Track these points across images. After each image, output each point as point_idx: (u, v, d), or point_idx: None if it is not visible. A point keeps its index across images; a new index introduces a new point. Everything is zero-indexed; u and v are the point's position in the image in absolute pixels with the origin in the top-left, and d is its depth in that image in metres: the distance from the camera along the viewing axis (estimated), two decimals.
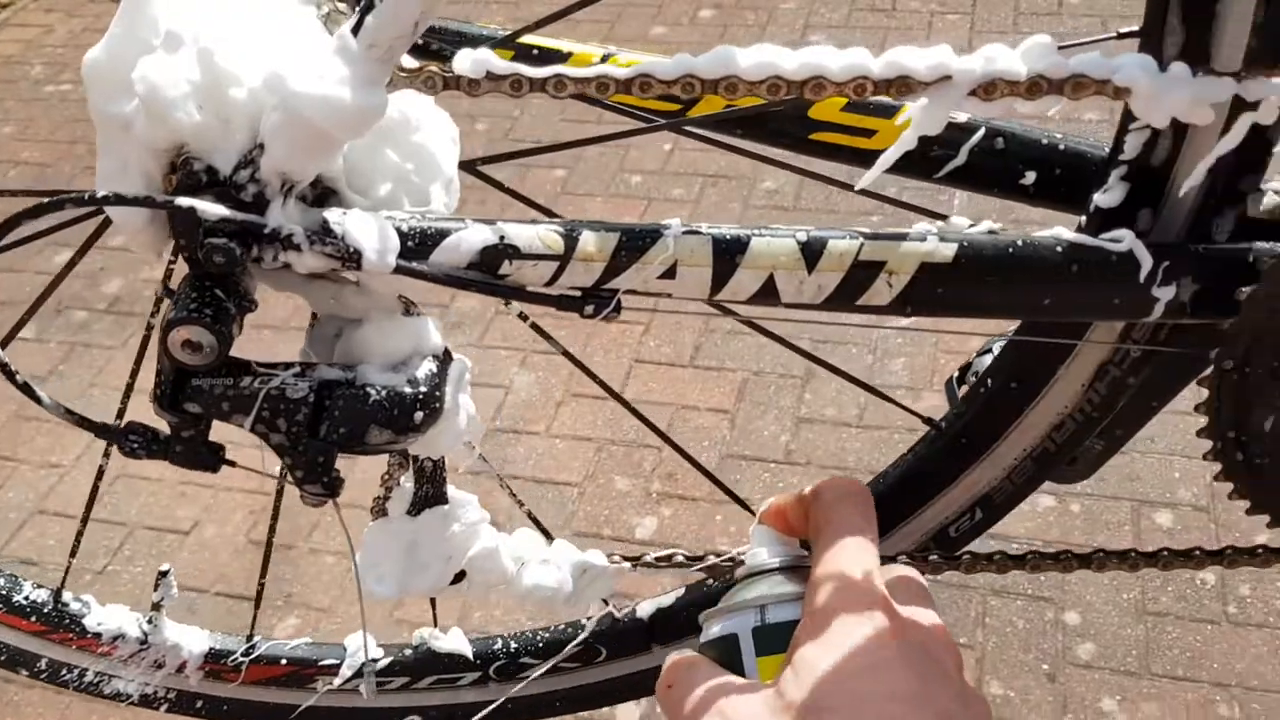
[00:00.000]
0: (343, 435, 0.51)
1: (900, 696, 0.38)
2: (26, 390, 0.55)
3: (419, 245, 0.50)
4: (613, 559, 0.67)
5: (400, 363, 0.53)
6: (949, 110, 0.50)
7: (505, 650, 0.80)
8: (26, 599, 0.81)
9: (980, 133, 0.62)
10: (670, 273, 0.51)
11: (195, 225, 0.48)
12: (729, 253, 0.51)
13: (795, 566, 0.47)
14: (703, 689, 0.42)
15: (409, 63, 0.50)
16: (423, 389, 0.52)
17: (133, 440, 0.54)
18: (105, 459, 0.72)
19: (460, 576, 0.64)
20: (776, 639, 0.43)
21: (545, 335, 0.69)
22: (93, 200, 0.49)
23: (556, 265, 0.51)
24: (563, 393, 1.69)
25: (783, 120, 0.64)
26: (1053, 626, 1.33)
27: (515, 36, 0.60)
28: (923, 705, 0.38)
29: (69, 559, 0.80)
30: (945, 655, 0.41)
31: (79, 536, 0.77)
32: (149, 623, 0.78)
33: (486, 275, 0.50)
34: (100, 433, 0.56)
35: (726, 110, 0.63)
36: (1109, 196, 0.56)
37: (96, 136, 0.51)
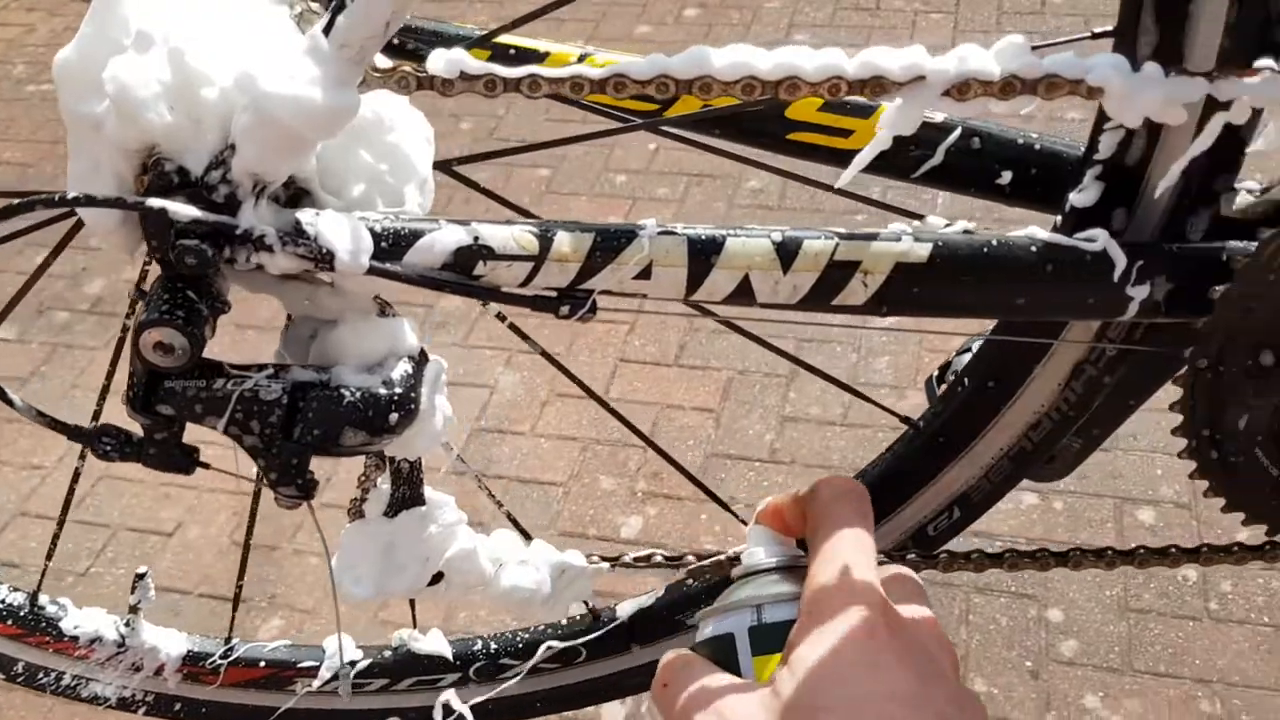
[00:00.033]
0: (317, 437, 0.51)
1: (898, 697, 0.38)
2: None
3: (392, 246, 0.50)
4: (591, 559, 0.67)
5: (375, 364, 0.53)
6: (923, 110, 0.50)
7: (485, 651, 0.79)
8: (2, 602, 0.81)
9: (957, 132, 0.62)
10: (646, 273, 0.51)
11: (167, 226, 0.48)
12: (704, 253, 0.51)
13: (792, 566, 0.46)
14: (698, 688, 0.42)
15: (383, 62, 0.50)
16: (398, 390, 0.52)
17: (105, 443, 0.54)
18: (81, 461, 0.71)
19: (438, 578, 0.63)
20: (773, 638, 0.43)
21: (524, 336, 0.69)
22: (63, 201, 0.49)
23: (531, 266, 0.51)
24: (548, 392, 1.69)
25: (760, 120, 0.64)
26: (1036, 624, 1.34)
27: (492, 36, 0.60)
28: (920, 705, 0.38)
29: (45, 561, 0.80)
30: (942, 655, 0.41)
31: (55, 539, 0.77)
32: (126, 625, 0.78)
33: (461, 276, 0.50)
34: (73, 435, 0.55)
35: (704, 110, 0.63)
36: (1084, 196, 0.56)
37: (68, 137, 0.51)
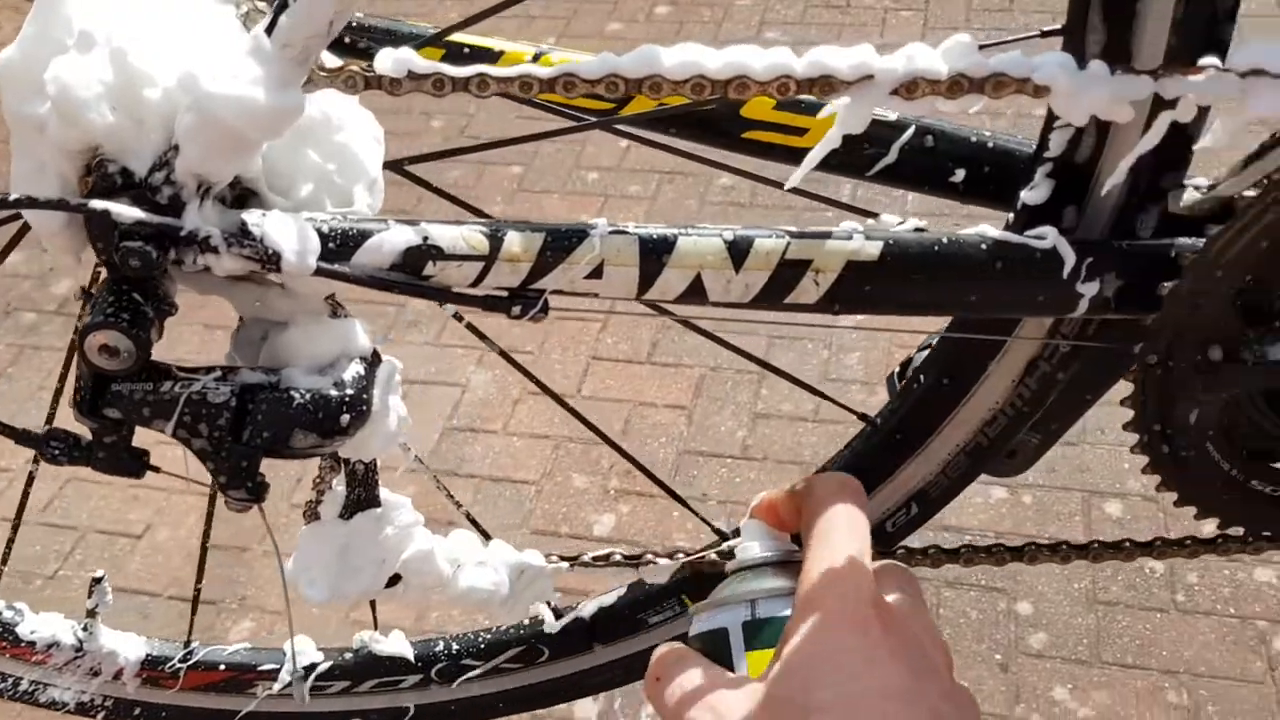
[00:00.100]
0: (266, 439, 0.51)
1: (892, 693, 0.38)
2: None
3: (340, 246, 0.49)
4: (550, 559, 0.67)
5: (327, 365, 0.53)
6: (872, 109, 0.50)
7: (447, 652, 0.79)
8: None
9: (911, 131, 0.62)
10: (597, 272, 0.51)
11: (110, 228, 0.47)
12: (656, 252, 0.51)
13: (786, 561, 0.46)
14: (691, 682, 0.42)
15: (331, 61, 0.49)
16: (349, 391, 0.52)
17: (54, 447, 0.54)
18: (35, 465, 0.71)
19: (396, 580, 0.63)
20: (767, 634, 0.43)
21: (481, 336, 0.68)
22: (4, 204, 0.48)
23: (481, 266, 0.50)
24: (520, 391, 1.68)
25: (716, 119, 0.64)
26: (1005, 617, 1.35)
27: (444, 35, 0.60)
28: (914, 702, 0.38)
29: None
30: (935, 651, 0.41)
31: (9, 544, 0.76)
32: (84, 630, 0.77)
33: (410, 276, 0.50)
34: (21, 440, 0.55)
35: (659, 109, 0.63)
36: (1035, 194, 0.56)
37: (10, 138, 0.50)
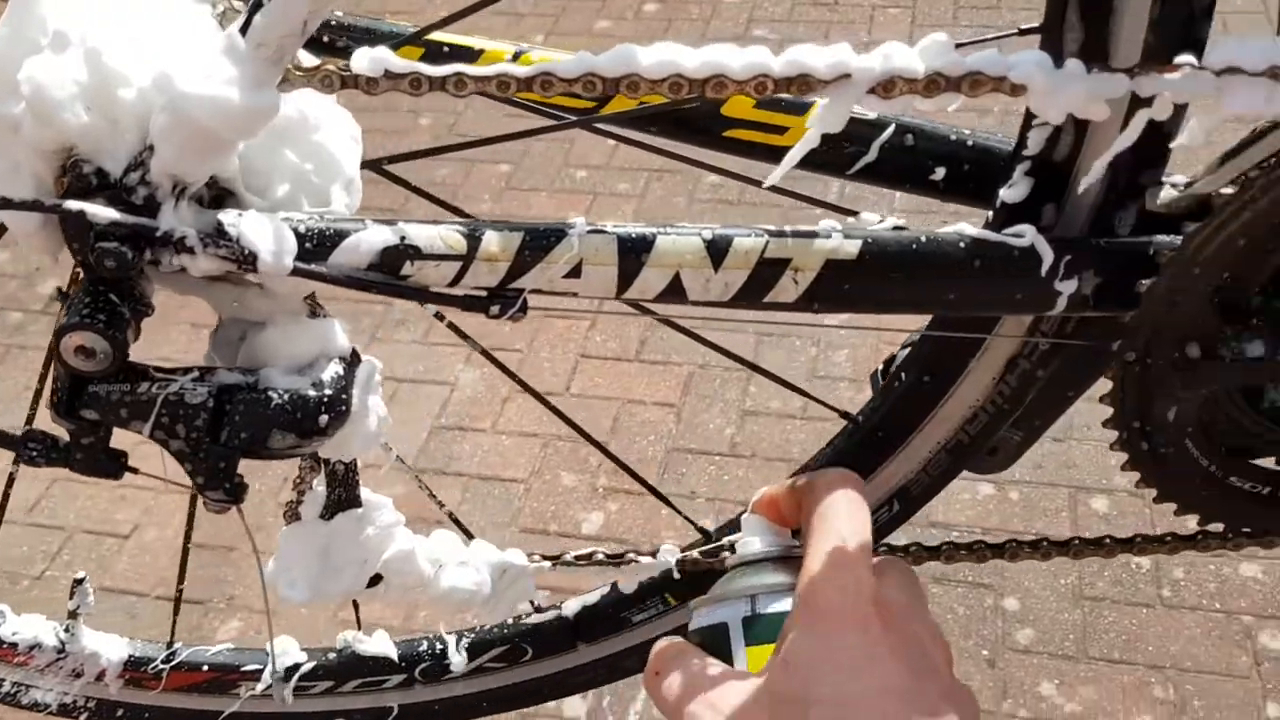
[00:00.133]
0: (244, 440, 0.51)
1: (891, 691, 0.38)
2: None
3: (317, 246, 0.49)
4: (532, 558, 0.67)
5: (305, 366, 0.53)
6: (849, 108, 0.50)
7: (430, 652, 0.79)
8: None
9: (890, 129, 0.62)
10: (576, 271, 0.51)
11: (86, 229, 0.47)
12: (634, 251, 0.51)
13: (786, 557, 0.46)
14: (690, 677, 0.42)
15: (307, 60, 0.49)
16: (328, 392, 0.52)
17: (32, 448, 0.53)
18: (15, 465, 0.70)
19: (377, 580, 0.63)
20: (766, 629, 0.43)
21: (462, 335, 0.68)
22: None
23: (459, 265, 0.50)
24: (509, 389, 1.68)
25: (697, 117, 0.64)
26: (992, 612, 1.35)
27: (424, 33, 0.60)
28: (913, 700, 0.38)
29: None
30: (935, 649, 0.41)
31: None
32: (66, 631, 0.77)
33: (388, 276, 0.50)
34: None
35: (640, 108, 0.63)
36: (1014, 192, 0.56)
37: None
